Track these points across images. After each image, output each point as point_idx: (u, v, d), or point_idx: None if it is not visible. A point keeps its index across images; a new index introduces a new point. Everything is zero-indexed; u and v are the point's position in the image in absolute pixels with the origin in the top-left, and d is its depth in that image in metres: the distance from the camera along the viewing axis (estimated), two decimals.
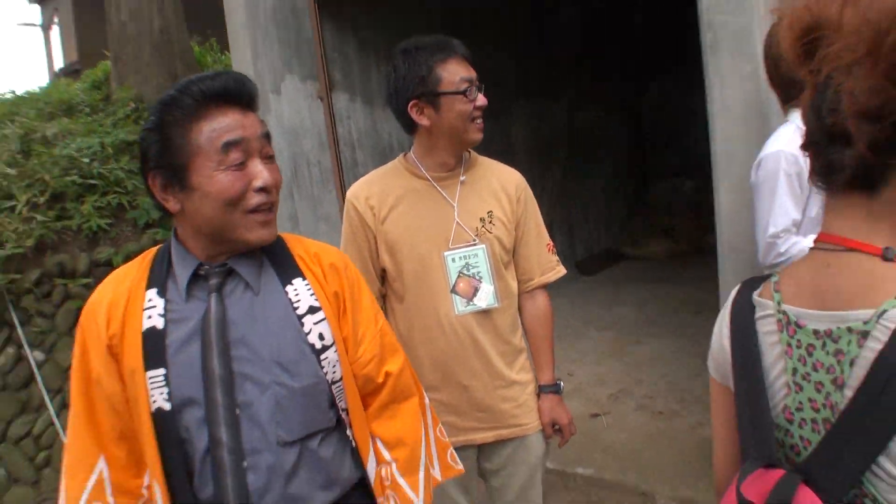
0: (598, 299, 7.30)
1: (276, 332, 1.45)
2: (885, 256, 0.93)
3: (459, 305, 2.14)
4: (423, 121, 2.11)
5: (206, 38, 8.38)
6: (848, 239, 0.96)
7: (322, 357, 1.47)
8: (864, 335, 0.91)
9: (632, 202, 10.00)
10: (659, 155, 10.45)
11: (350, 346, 1.56)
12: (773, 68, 2.38)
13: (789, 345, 1.01)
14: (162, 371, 1.39)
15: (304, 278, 1.51)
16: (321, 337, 1.48)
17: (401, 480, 1.61)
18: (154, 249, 1.54)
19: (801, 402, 1.00)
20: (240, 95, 1.41)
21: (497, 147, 6.81)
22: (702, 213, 9.54)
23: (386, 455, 1.63)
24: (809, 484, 0.91)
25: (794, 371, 1.01)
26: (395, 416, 1.66)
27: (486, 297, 2.16)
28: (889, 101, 0.86)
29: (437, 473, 1.72)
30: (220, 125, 1.37)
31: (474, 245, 2.15)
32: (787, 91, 2.42)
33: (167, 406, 1.38)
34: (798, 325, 1.00)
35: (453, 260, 2.14)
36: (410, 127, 2.16)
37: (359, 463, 1.56)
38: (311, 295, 1.50)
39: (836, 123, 0.91)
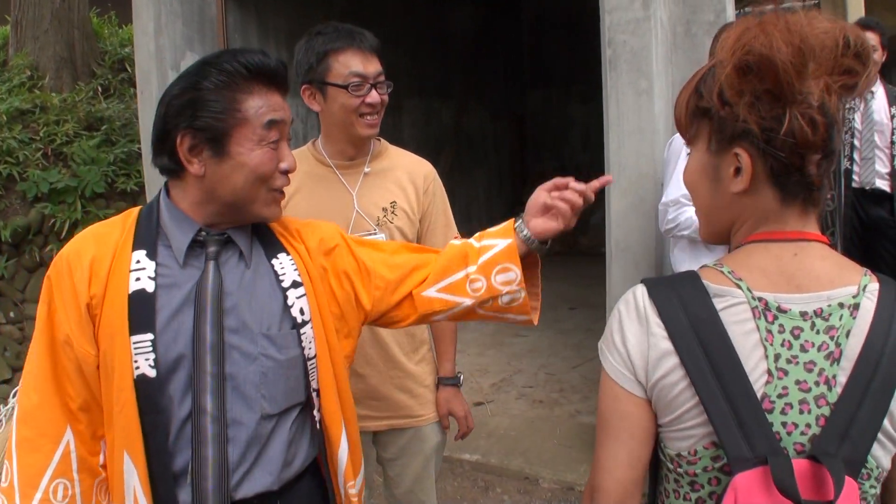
0: None
1: (264, 305, 1.45)
2: (831, 244, 1.06)
3: None
4: (315, 106, 2.10)
5: (106, 10, 8.08)
6: (808, 232, 1.05)
7: (301, 331, 1.47)
8: (856, 307, 1.00)
9: (511, 203, 10.32)
10: (538, 159, 10.83)
11: (369, 277, 1.60)
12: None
13: (769, 331, 1.01)
14: (149, 336, 1.34)
15: (288, 254, 1.52)
16: (301, 312, 1.48)
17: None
18: (136, 210, 1.50)
19: (785, 387, 0.99)
20: (283, 79, 1.45)
21: (388, 141, 6.93)
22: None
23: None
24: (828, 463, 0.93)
25: (777, 357, 1.00)
26: None
27: None
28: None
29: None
30: (269, 102, 1.40)
31: (373, 234, 2.12)
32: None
33: (152, 373, 1.33)
34: (780, 310, 1.01)
35: None
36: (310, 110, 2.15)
37: (315, 445, 1.55)
38: (295, 270, 1.50)
39: (838, 136, 1.01)
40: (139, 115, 5.01)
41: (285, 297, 1.47)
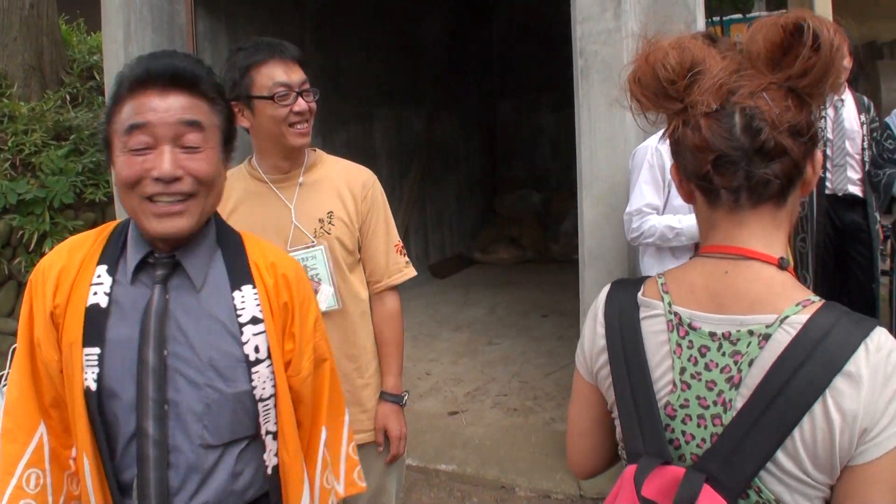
0: (450, 301, 7.54)
1: (215, 336, 1.41)
2: (781, 266, 1.02)
3: None
4: (244, 122, 2.07)
5: (74, 17, 7.98)
6: (746, 249, 1.03)
7: (253, 370, 1.43)
8: (766, 338, 0.97)
9: (482, 211, 10.36)
10: (509, 168, 10.89)
11: (294, 357, 1.51)
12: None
13: (679, 345, 1.05)
14: (97, 350, 1.36)
15: (255, 286, 1.47)
16: (256, 349, 1.43)
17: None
18: (113, 224, 1.50)
19: (686, 399, 1.03)
20: (180, 79, 1.36)
21: (358, 151, 6.93)
22: (547, 224, 10.06)
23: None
24: (709, 481, 0.95)
25: (683, 370, 1.04)
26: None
27: (325, 299, 2.11)
28: (804, 119, 0.99)
29: (340, 488, 1.68)
30: (138, 107, 1.33)
31: (312, 247, 2.11)
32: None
33: (94, 387, 1.36)
34: (692, 327, 1.04)
35: None
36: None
37: (267, 482, 1.51)
38: (257, 305, 1.45)
39: (766, 141, 0.98)
40: None
41: (241, 332, 1.43)
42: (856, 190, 4.22)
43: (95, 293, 1.39)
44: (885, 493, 0.93)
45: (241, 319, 1.43)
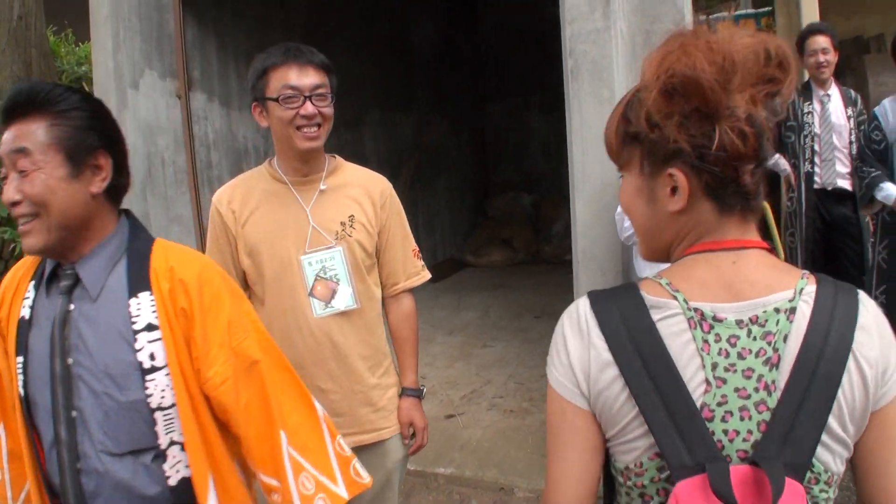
0: (444, 305, 7.55)
1: (110, 343, 1.45)
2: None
3: (318, 308, 2.14)
4: (264, 122, 2.13)
5: (62, 27, 7.97)
6: (747, 240, 1.06)
7: (148, 377, 1.45)
8: (793, 311, 1.00)
9: (474, 214, 10.38)
10: (499, 171, 10.92)
11: (202, 365, 1.49)
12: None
13: (705, 341, 1.01)
14: (22, 360, 1.48)
15: (152, 293, 1.49)
16: (152, 357, 1.45)
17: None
18: None
19: (724, 395, 0.99)
20: (27, 106, 1.44)
21: (349, 155, 6.92)
22: (538, 226, 10.09)
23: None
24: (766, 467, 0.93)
25: (715, 366, 1.00)
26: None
27: (344, 299, 2.16)
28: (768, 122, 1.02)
29: (342, 491, 1.62)
30: None
31: (331, 248, 2.15)
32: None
33: (22, 393, 1.48)
34: (716, 319, 1.02)
35: (309, 263, 2.13)
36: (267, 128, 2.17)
37: (177, 494, 1.51)
38: (153, 312, 1.47)
39: (767, 145, 1.03)
40: None
41: (135, 339, 1.46)
42: (844, 184, 4.25)
43: (25, 306, 1.51)
44: None
45: (136, 326, 1.46)
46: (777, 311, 1.00)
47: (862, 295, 1.04)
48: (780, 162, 4.40)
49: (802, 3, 6.50)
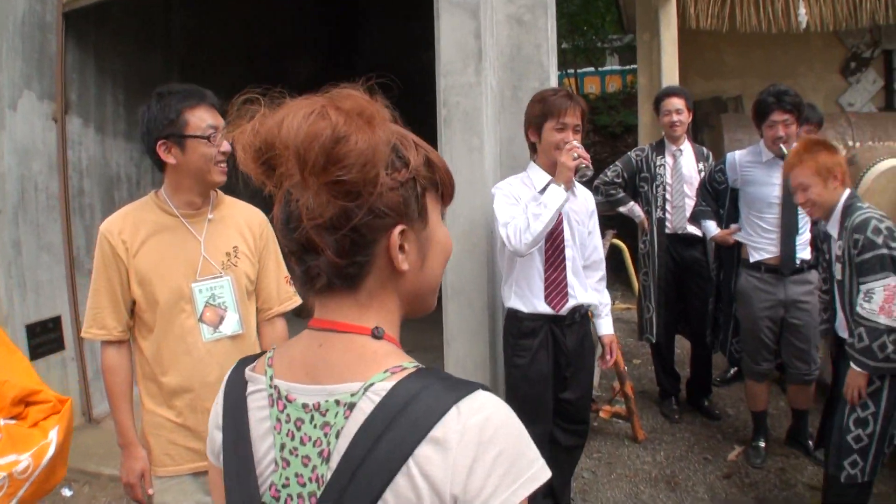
0: None
1: None
2: (375, 335, 0.98)
3: (206, 333, 2.28)
4: (170, 159, 2.22)
5: None
6: (338, 322, 0.99)
7: None
8: (351, 407, 0.92)
9: None
10: None
11: None
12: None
13: (279, 419, 0.99)
14: None
15: None
16: None
17: None
18: None
19: (287, 478, 0.97)
20: None
21: (227, 190, 6.95)
22: None
23: None
24: None
25: (283, 446, 0.98)
26: None
27: (231, 324, 2.32)
28: (341, 213, 0.91)
29: None
30: None
31: (220, 277, 2.30)
32: None
33: None
34: (288, 400, 0.98)
35: (200, 291, 2.27)
36: (160, 164, 2.27)
37: None
38: None
39: (302, 235, 0.95)
40: None
41: None
42: (694, 229, 4.66)
43: None
44: None
45: None
46: (338, 403, 0.94)
47: (469, 405, 0.90)
48: (634, 208, 4.79)
49: (664, 65, 7.03)
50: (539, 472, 0.90)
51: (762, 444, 4.27)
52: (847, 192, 3.06)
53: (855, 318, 2.92)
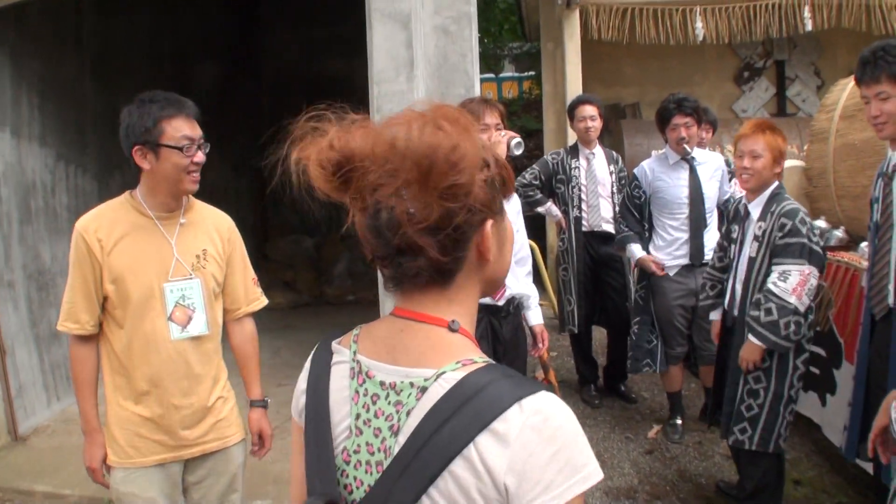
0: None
1: None
2: (451, 328, 1.06)
3: (175, 332, 2.37)
4: (145, 165, 2.30)
5: None
6: (420, 313, 1.06)
7: None
8: (423, 390, 0.99)
9: (256, 257, 10.42)
10: (279, 213, 11.04)
11: None
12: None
13: (357, 391, 1.07)
14: None
15: None
16: None
17: None
18: None
19: (358, 445, 1.05)
20: None
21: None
22: (320, 268, 10.32)
23: None
24: None
25: (358, 416, 1.06)
26: None
27: (199, 325, 2.42)
28: (444, 214, 0.97)
29: None
30: None
31: (190, 279, 2.40)
32: None
33: None
34: (367, 375, 1.07)
35: (171, 291, 2.37)
36: (137, 168, 2.34)
37: None
38: None
39: (403, 239, 0.99)
40: None
41: None
42: (608, 227, 5.01)
43: None
44: None
45: None
46: (412, 385, 1.02)
47: (532, 403, 0.96)
48: (551, 208, 5.08)
49: (568, 74, 7.40)
50: (592, 473, 0.96)
51: (679, 422, 4.63)
52: (777, 182, 3.30)
53: (765, 293, 3.13)
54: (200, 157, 2.34)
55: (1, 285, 4.94)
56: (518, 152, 3.24)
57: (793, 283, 3.06)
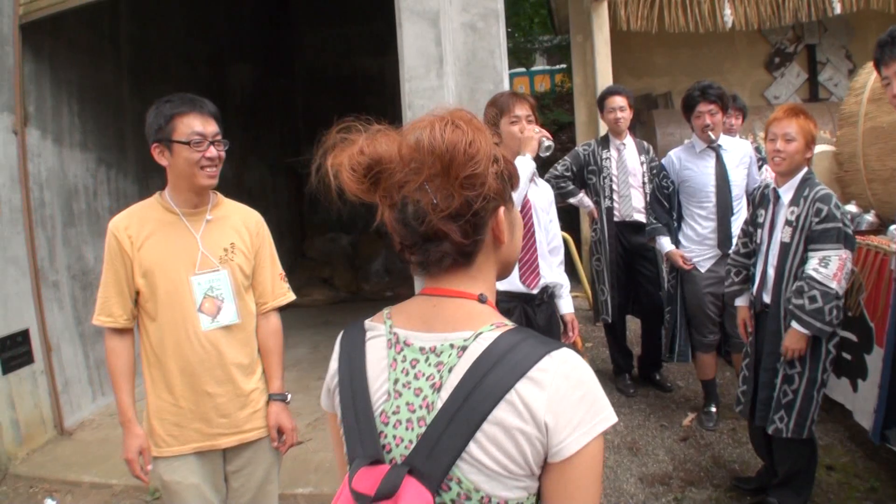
0: None
1: None
2: (480, 300, 1.20)
3: (205, 322, 2.46)
4: (163, 161, 2.42)
5: None
6: (450, 289, 1.20)
7: None
8: (464, 349, 1.12)
9: (293, 255, 10.59)
10: (317, 212, 11.19)
11: None
12: None
13: (394, 360, 1.19)
14: None
15: None
16: None
17: None
18: None
19: (398, 406, 1.15)
20: None
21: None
22: (357, 265, 10.45)
23: None
24: (413, 474, 1.07)
25: (396, 381, 1.17)
26: None
27: (228, 315, 2.50)
28: (464, 203, 1.11)
29: None
30: None
31: (218, 270, 2.48)
32: None
33: None
34: (406, 344, 1.19)
35: (199, 283, 2.45)
36: (161, 166, 2.46)
37: None
38: None
39: (429, 227, 1.12)
40: None
41: None
42: (640, 216, 5.04)
43: None
44: (582, 486, 1.08)
45: None
46: (452, 346, 1.14)
47: (560, 355, 1.09)
48: (583, 199, 5.13)
49: (598, 65, 7.40)
50: (610, 415, 1.10)
51: (714, 409, 4.65)
52: (806, 167, 3.29)
53: (807, 280, 3.10)
54: (213, 152, 2.41)
55: (46, 285, 5.12)
56: (546, 154, 3.31)
57: (833, 268, 3.05)
